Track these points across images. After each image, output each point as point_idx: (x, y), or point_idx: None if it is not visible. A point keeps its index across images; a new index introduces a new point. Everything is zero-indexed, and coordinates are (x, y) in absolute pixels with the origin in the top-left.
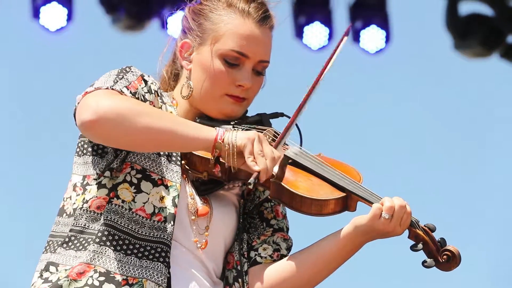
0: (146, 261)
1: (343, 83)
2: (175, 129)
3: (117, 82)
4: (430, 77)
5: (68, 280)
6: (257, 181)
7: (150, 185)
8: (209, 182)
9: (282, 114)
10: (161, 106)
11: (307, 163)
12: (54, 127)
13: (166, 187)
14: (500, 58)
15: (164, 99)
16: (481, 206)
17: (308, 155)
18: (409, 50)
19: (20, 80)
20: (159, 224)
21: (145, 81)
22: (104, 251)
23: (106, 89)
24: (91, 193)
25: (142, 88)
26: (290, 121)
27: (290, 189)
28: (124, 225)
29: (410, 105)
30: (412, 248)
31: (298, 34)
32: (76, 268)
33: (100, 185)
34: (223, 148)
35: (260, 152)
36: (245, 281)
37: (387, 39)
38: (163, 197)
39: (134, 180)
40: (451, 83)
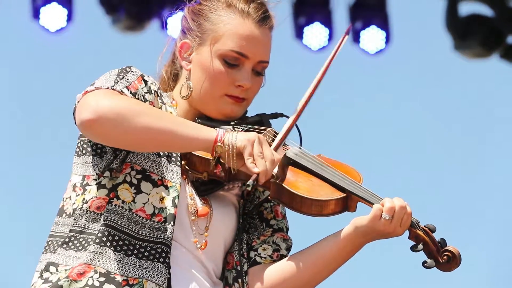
0: (146, 261)
1: (343, 83)
2: (175, 129)
3: (118, 82)
4: (430, 78)
5: (68, 281)
6: (256, 183)
7: (150, 185)
8: (209, 182)
9: (281, 115)
10: (160, 106)
11: (307, 164)
12: (54, 127)
13: (166, 187)
14: (500, 58)
15: (163, 100)
16: (481, 207)
17: (308, 155)
18: (409, 51)
19: (20, 81)
20: (159, 224)
21: (145, 81)
22: (104, 252)
23: (107, 89)
24: (91, 194)
25: (142, 88)
26: (291, 122)
27: (290, 189)
28: (124, 225)
29: (410, 105)
30: (412, 248)
31: (298, 34)
32: (76, 269)
33: (100, 186)
34: (223, 149)
35: (259, 154)
36: (244, 281)
37: (387, 39)
38: (163, 198)
39: (134, 181)
40: (451, 84)
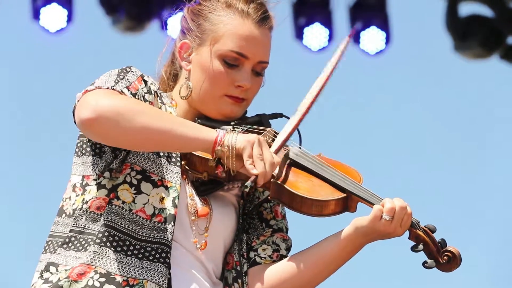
0: (146, 262)
1: (343, 84)
2: (174, 129)
3: (118, 82)
4: (430, 78)
5: (68, 281)
6: (255, 184)
7: (150, 186)
8: (209, 182)
9: (281, 115)
10: (160, 106)
11: (307, 164)
12: (54, 128)
13: (166, 188)
14: (500, 59)
15: (163, 100)
16: (481, 207)
17: (309, 155)
18: (409, 51)
19: (20, 81)
20: (159, 225)
21: (145, 82)
22: (105, 252)
23: (107, 88)
24: (91, 194)
25: (142, 88)
26: (292, 126)
27: (291, 189)
28: (124, 226)
29: (410, 106)
30: (412, 249)
31: (298, 35)
32: (77, 269)
33: (100, 186)
34: (222, 150)
35: (259, 156)
36: (244, 281)
37: (387, 40)
38: (163, 198)
39: (134, 181)
40: (451, 84)
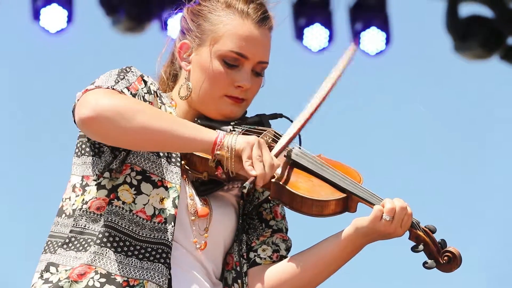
0: (147, 262)
1: (343, 85)
2: (173, 130)
3: (118, 82)
4: (430, 79)
5: (69, 282)
6: (253, 185)
7: (150, 186)
8: (209, 182)
9: (281, 115)
10: (160, 106)
11: (307, 164)
12: (54, 128)
13: (166, 188)
14: (500, 60)
15: (163, 100)
16: (481, 207)
17: (309, 155)
18: (409, 52)
19: (20, 82)
20: (159, 225)
21: (145, 82)
22: (105, 253)
23: (107, 88)
24: (91, 194)
25: (142, 89)
26: (294, 131)
27: (291, 189)
28: (124, 226)
29: (410, 106)
30: (413, 249)
31: (298, 36)
32: (77, 270)
33: (100, 186)
34: (222, 151)
35: (258, 157)
36: (244, 282)
37: (387, 40)
38: (163, 199)
39: (134, 182)
40: (451, 85)
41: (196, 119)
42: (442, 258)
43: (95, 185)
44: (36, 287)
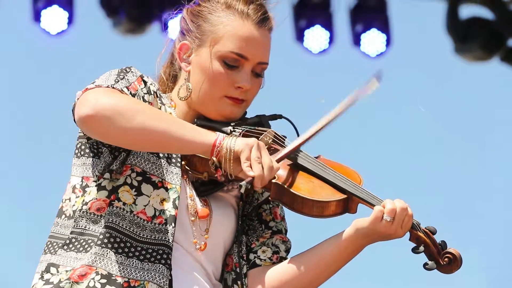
0: (147, 263)
1: (343, 86)
2: (172, 131)
3: (118, 81)
4: (430, 81)
5: (70, 283)
6: (251, 186)
7: (151, 187)
8: (209, 183)
9: (280, 116)
10: (160, 107)
11: (308, 165)
12: (54, 130)
13: (166, 189)
14: (500, 61)
15: (163, 100)
16: (481, 209)
17: (309, 156)
18: (410, 54)
19: (21, 83)
20: (160, 226)
21: (145, 82)
22: (106, 253)
23: (107, 87)
24: (91, 195)
25: (142, 89)
26: (301, 141)
27: (292, 190)
28: (125, 227)
29: (410, 108)
30: (413, 250)
31: (299, 37)
32: (78, 270)
33: (100, 187)
34: (221, 153)
35: (257, 159)
36: (244, 283)
37: (388, 42)
38: (164, 199)
39: (135, 183)
40: (452, 86)
41: (195, 120)
42: (443, 259)
43: (95, 186)
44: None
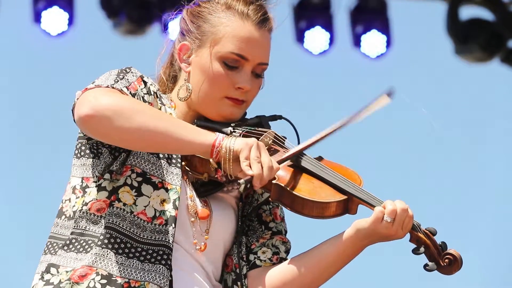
0: (148, 264)
1: (344, 86)
2: (172, 131)
3: (118, 81)
4: (431, 82)
5: (70, 283)
6: (250, 185)
7: (151, 188)
8: (209, 183)
9: (280, 117)
10: (160, 107)
11: (308, 166)
12: (54, 130)
13: (166, 190)
14: (500, 62)
15: (163, 101)
16: (480, 210)
17: (309, 157)
18: (410, 55)
19: (21, 84)
20: (160, 227)
21: (145, 82)
22: (106, 254)
23: (107, 87)
24: (91, 196)
25: (142, 89)
26: (304, 146)
27: (292, 191)
28: (126, 228)
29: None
30: (414, 251)
31: (299, 38)
32: (78, 271)
33: (100, 188)
34: (221, 153)
35: (256, 158)
36: (244, 284)
37: (388, 43)
38: (164, 200)
39: (135, 184)
40: (452, 88)
41: (195, 121)
42: (443, 260)
43: (95, 186)
44: None
